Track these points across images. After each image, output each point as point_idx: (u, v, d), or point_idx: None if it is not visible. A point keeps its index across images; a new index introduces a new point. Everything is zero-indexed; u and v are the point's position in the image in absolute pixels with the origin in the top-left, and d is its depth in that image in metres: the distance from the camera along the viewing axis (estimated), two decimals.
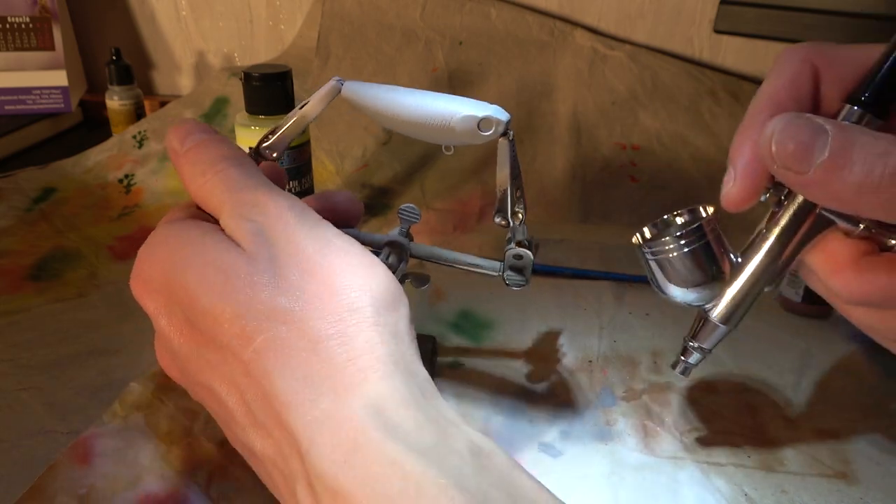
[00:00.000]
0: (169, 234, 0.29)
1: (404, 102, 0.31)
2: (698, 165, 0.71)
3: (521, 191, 0.35)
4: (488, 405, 0.42)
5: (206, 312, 0.26)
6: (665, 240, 0.31)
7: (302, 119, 0.33)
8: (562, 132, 0.74)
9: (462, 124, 0.31)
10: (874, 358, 0.48)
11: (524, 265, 0.37)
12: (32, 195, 0.68)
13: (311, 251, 0.27)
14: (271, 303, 0.26)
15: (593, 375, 0.46)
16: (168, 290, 0.28)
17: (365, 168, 0.72)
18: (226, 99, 0.80)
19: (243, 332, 0.26)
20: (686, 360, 0.35)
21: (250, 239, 0.27)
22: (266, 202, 0.29)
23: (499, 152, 0.33)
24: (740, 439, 0.40)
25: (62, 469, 0.34)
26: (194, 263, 0.27)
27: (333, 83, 0.33)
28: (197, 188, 0.31)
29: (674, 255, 0.31)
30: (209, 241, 0.28)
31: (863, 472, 0.38)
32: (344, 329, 0.26)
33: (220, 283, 0.26)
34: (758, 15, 0.74)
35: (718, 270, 0.31)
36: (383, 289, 0.28)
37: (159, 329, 0.29)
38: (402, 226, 0.38)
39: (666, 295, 0.33)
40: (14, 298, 0.53)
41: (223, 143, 0.32)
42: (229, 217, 0.29)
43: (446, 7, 0.78)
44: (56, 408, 0.41)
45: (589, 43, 0.77)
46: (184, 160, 0.31)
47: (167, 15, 0.92)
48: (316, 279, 0.27)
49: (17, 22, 0.84)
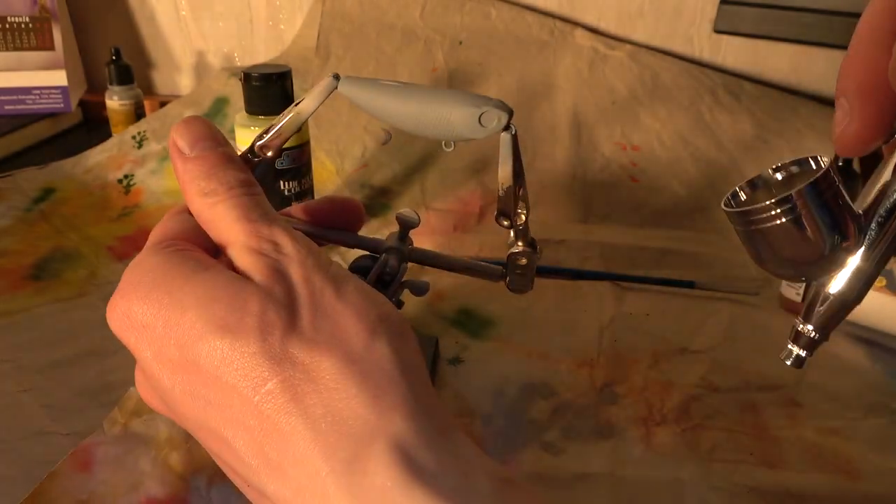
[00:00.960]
0: (164, 264, 0.27)
1: (403, 97, 0.31)
2: (699, 165, 0.71)
3: (523, 189, 0.34)
4: (490, 403, 0.42)
5: (213, 350, 0.25)
6: (768, 204, 0.24)
7: (297, 116, 0.32)
8: (562, 132, 0.74)
9: (462, 118, 0.30)
10: (875, 356, 0.48)
11: (528, 268, 0.36)
12: (32, 195, 0.68)
13: (328, 293, 0.26)
14: (288, 343, 0.25)
15: (594, 374, 0.46)
16: (162, 326, 0.26)
17: (365, 168, 0.72)
18: (226, 99, 0.80)
19: (255, 373, 0.24)
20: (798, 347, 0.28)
21: (267, 274, 0.26)
22: (284, 240, 0.28)
23: (501, 148, 0.32)
24: (742, 437, 0.40)
25: (63, 476, 0.34)
26: (200, 297, 0.25)
27: (330, 79, 0.32)
28: (204, 208, 0.29)
29: (781, 223, 0.24)
30: (216, 274, 0.26)
31: (865, 469, 0.38)
32: (366, 369, 0.25)
33: (234, 320, 0.25)
34: (758, 15, 0.74)
35: (841, 238, 0.25)
36: (397, 326, 0.27)
37: (145, 365, 0.27)
38: (400, 230, 0.37)
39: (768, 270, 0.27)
40: (14, 298, 0.52)
41: (236, 162, 0.30)
42: (242, 249, 0.27)
43: (446, 7, 0.78)
44: (55, 409, 0.41)
45: (589, 43, 0.77)
46: (191, 167, 0.29)
47: (167, 15, 0.92)
48: (333, 320, 0.26)
49: (17, 22, 0.84)
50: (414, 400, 0.25)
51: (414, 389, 0.25)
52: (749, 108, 0.73)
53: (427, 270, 0.60)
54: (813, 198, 0.24)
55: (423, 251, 0.37)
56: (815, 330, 0.27)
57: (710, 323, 0.51)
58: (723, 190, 0.29)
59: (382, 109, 0.31)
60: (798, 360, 0.29)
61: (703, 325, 0.51)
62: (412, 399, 0.25)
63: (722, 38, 0.78)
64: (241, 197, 0.29)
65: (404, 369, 0.26)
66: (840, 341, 0.50)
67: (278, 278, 0.26)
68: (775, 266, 0.26)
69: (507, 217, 0.35)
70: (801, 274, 0.26)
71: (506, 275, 0.37)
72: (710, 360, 0.47)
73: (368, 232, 0.65)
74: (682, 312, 0.53)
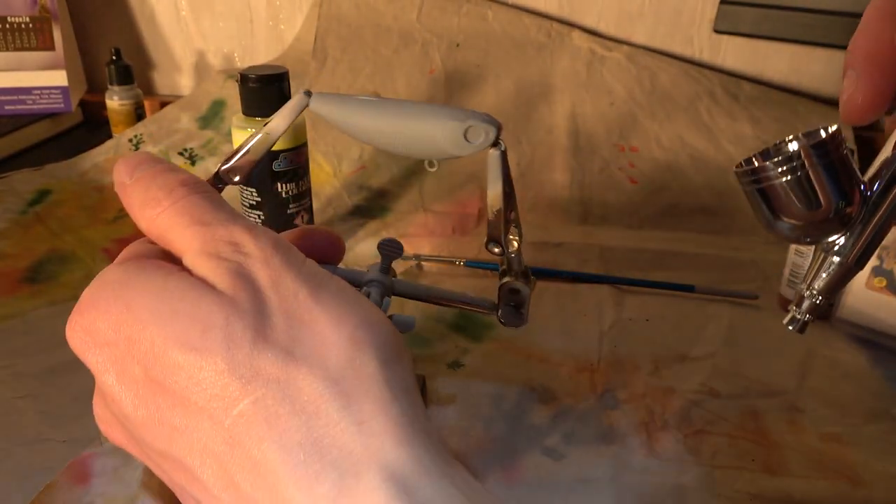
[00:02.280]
0: (123, 277, 0.24)
1: (379, 113, 0.28)
2: (697, 166, 0.70)
3: (515, 212, 0.31)
4: (490, 407, 0.42)
5: (177, 369, 0.22)
6: (778, 160, 0.26)
7: (267, 137, 0.30)
8: (560, 134, 0.73)
9: (445, 134, 0.28)
10: (876, 360, 0.48)
11: (521, 300, 0.33)
12: (27, 197, 0.68)
13: (301, 296, 0.23)
14: (258, 357, 0.22)
15: (595, 379, 0.45)
16: (124, 343, 0.23)
17: (362, 170, 0.72)
18: (223, 101, 0.80)
19: (225, 393, 0.21)
20: (800, 310, 0.29)
21: (229, 281, 0.23)
22: (244, 239, 0.24)
23: (489, 166, 0.29)
24: (743, 443, 0.40)
25: (60, 488, 0.34)
26: (160, 311, 0.23)
27: (300, 96, 0.30)
28: (150, 221, 0.25)
29: (789, 179, 0.26)
30: (177, 284, 0.23)
31: (867, 475, 0.38)
32: (349, 387, 0.22)
33: (196, 335, 0.22)
34: (758, 15, 0.74)
35: (845, 202, 0.26)
36: (386, 336, 0.24)
37: (105, 388, 0.24)
38: (382, 261, 0.33)
39: (775, 231, 0.28)
40: (9, 302, 0.52)
41: (179, 170, 0.27)
42: (198, 255, 0.24)
43: (443, 9, 0.78)
44: (52, 415, 0.41)
45: (587, 44, 0.76)
46: (131, 191, 0.26)
47: (167, 15, 0.91)
48: (309, 328, 0.23)
49: (17, 22, 0.83)
50: (408, 423, 0.22)
51: (407, 412, 0.22)
52: (748, 109, 0.73)
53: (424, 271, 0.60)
54: (820, 156, 0.25)
55: (407, 284, 0.34)
56: (819, 294, 0.28)
57: (710, 327, 0.51)
58: (722, 191, 0.30)
59: (358, 127, 0.29)
60: (801, 326, 0.29)
61: (703, 329, 0.51)
62: (405, 423, 0.22)
63: (722, 39, 0.78)
64: (187, 198, 0.25)
65: (394, 387, 0.23)
66: (840, 344, 0.49)
67: (242, 283, 0.23)
68: (781, 227, 0.27)
69: (498, 244, 0.31)
70: (806, 235, 0.27)
71: (497, 308, 0.34)
72: (711, 366, 0.47)
73: (368, 233, 0.64)
74: (682, 317, 0.53)
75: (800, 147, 0.26)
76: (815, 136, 0.27)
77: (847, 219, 0.27)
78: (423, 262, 0.59)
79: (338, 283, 0.25)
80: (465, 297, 0.34)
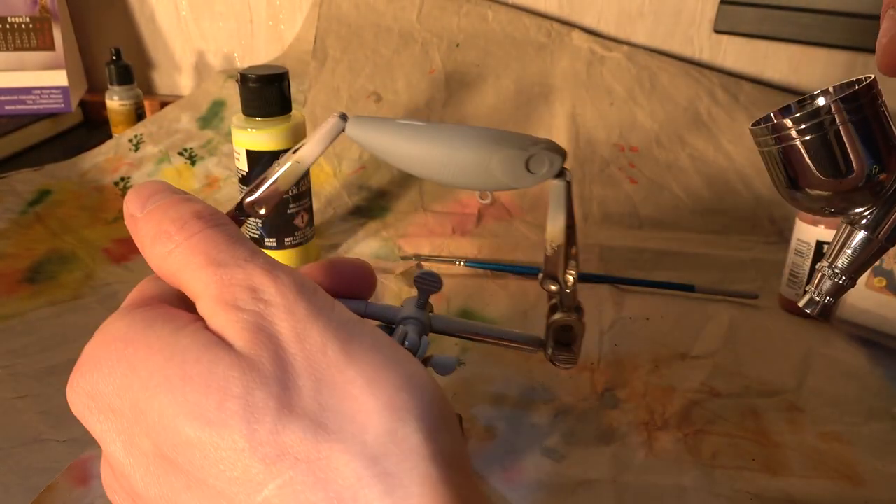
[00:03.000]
0: (128, 332, 0.21)
1: (426, 140, 0.25)
2: (697, 166, 0.70)
3: (575, 247, 0.28)
4: (491, 409, 0.42)
5: (191, 446, 0.19)
6: (801, 115, 0.22)
7: (298, 166, 0.27)
8: (560, 134, 0.73)
9: (504, 164, 0.24)
10: (876, 359, 0.48)
11: (573, 338, 0.30)
12: (27, 197, 0.68)
13: (331, 351, 0.20)
14: (283, 433, 0.19)
15: (595, 379, 0.45)
16: (131, 412, 0.20)
17: (362, 170, 0.72)
18: (223, 102, 0.80)
19: (247, 476, 0.19)
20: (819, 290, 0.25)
21: (248, 337, 0.20)
22: (264, 282, 0.21)
23: (551, 198, 0.26)
24: (744, 442, 0.40)
25: (60, 490, 0.34)
26: (170, 377, 0.20)
27: (336, 120, 0.26)
28: (161, 258, 0.23)
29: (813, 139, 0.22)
30: (189, 343, 0.20)
31: (868, 474, 0.38)
32: (391, 465, 0.19)
33: (212, 407, 0.19)
34: (758, 15, 0.74)
35: (879, 166, 0.22)
36: (430, 399, 0.20)
37: (112, 460, 0.21)
38: (419, 296, 0.30)
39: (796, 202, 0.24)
40: (9, 302, 0.52)
41: (196, 200, 0.24)
42: (214, 304, 0.21)
43: (443, 9, 0.78)
44: (52, 416, 0.41)
45: (586, 44, 0.76)
46: (142, 225, 0.23)
47: (167, 15, 0.91)
48: (342, 394, 0.20)
49: (17, 22, 0.83)
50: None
51: (461, 492, 0.19)
52: (747, 109, 0.72)
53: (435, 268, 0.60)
54: (852, 112, 0.21)
55: (447, 320, 0.31)
56: (843, 273, 0.24)
57: (710, 327, 0.51)
58: (722, 191, 0.28)
59: (400, 155, 0.25)
60: (823, 309, 0.25)
61: (703, 329, 0.51)
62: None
63: (722, 39, 0.78)
64: (202, 233, 0.22)
65: (442, 463, 0.19)
66: (840, 344, 0.49)
67: (262, 340, 0.20)
68: (801, 196, 0.23)
69: (556, 281, 0.28)
70: (831, 205, 0.23)
71: (545, 346, 0.31)
72: (711, 365, 0.47)
73: (368, 233, 0.64)
74: (681, 316, 0.53)
75: (828, 101, 0.22)
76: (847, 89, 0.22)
77: (879, 187, 0.23)
78: (423, 262, 0.59)
79: (372, 333, 0.22)
80: (510, 334, 0.32)
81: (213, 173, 0.73)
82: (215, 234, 0.22)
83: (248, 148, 0.53)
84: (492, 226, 0.66)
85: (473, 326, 0.31)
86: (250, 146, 0.53)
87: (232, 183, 0.72)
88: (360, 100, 0.75)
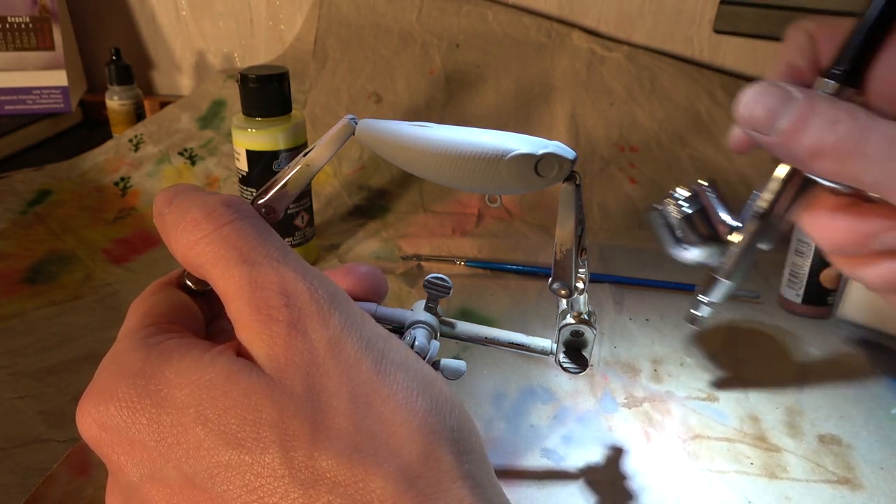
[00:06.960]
0: (145, 365, 0.21)
1: (435, 142, 0.25)
2: (697, 166, 0.71)
3: (585, 250, 0.29)
4: (490, 406, 0.42)
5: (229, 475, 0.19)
6: (667, 207, 0.34)
7: (307, 169, 0.27)
8: (560, 134, 0.73)
9: (513, 167, 0.24)
10: (875, 360, 0.48)
11: (584, 344, 0.31)
12: (27, 197, 0.68)
13: (364, 368, 0.20)
14: (319, 457, 0.19)
15: (594, 381, 0.45)
16: (155, 444, 0.20)
17: (362, 170, 0.72)
18: (223, 101, 0.80)
19: (286, 500, 0.19)
20: (696, 313, 0.37)
21: (279, 354, 0.20)
22: (298, 287, 0.21)
23: (561, 201, 0.26)
24: (742, 446, 0.40)
25: (60, 479, 0.34)
26: (204, 411, 0.20)
27: (346, 122, 0.26)
28: (186, 247, 0.22)
29: (673, 220, 0.33)
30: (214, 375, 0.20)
31: (866, 477, 0.38)
32: (427, 487, 0.19)
33: (249, 435, 0.19)
34: (758, 15, 0.74)
35: (713, 233, 0.33)
36: (458, 419, 0.21)
37: (129, 488, 0.21)
38: (429, 300, 0.30)
39: (673, 255, 0.35)
40: (9, 302, 0.52)
41: (221, 194, 0.24)
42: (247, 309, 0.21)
43: (443, 10, 0.78)
44: (52, 416, 0.41)
45: (586, 44, 0.76)
46: (169, 218, 0.23)
47: (167, 15, 0.91)
48: (377, 415, 0.19)
49: (17, 22, 0.83)
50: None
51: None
52: None
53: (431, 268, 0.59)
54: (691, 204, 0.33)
55: (457, 324, 0.32)
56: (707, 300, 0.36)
57: (711, 327, 0.51)
58: (721, 191, 0.33)
59: (410, 158, 0.25)
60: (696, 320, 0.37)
61: (703, 329, 0.51)
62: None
63: (722, 39, 0.77)
64: (232, 224, 0.22)
65: (474, 483, 0.19)
66: (839, 345, 0.49)
67: (293, 356, 0.20)
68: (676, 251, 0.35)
69: (566, 286, 0.28)
70: (695, 258, 0.35)
71: (555, 352, 0.31)
72: (711, 367, 0.47)
73: (368, 233, 0.64)
74: (681, 317, 0.52)
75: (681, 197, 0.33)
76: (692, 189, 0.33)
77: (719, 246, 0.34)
78: (423, 262, 0.59)
79: (399, 350, 0.22)
80: (519, 339, 0.32)
81: (213, 173, 0.73)
82: (245, 226, 0.22)
83: (249, 148, 0.54)
84: (492, 226, 0.66)
85: (483, 331, 0.31)
86: (250, 146, 0.54)
87: (232, 183, 0.72)
88: (360, 100, 0.75)
